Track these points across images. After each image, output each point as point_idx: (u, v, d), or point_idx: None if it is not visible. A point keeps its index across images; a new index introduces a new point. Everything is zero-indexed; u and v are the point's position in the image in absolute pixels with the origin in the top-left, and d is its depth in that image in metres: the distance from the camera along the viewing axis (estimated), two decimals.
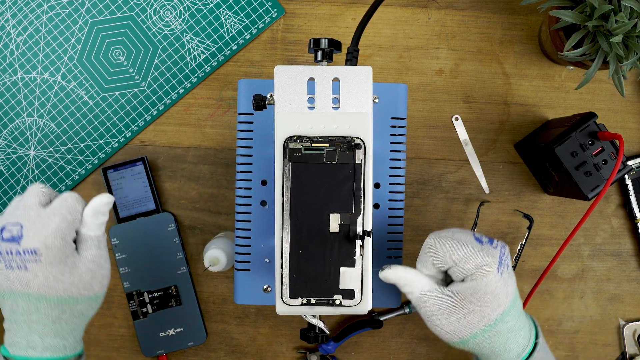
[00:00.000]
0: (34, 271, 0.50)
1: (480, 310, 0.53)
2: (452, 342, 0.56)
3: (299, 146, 0.53)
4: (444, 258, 0.54)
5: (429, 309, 0.55)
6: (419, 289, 0.55)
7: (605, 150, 0.64)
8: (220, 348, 0.76)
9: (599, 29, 0.60)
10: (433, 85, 0.75)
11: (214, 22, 0.74)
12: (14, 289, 0.50)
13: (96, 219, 0.54)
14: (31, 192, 0.54)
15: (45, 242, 0.50)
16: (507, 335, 0.54)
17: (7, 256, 0.50)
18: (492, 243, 0.55)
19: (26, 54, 0.74)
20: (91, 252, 0.54)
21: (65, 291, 0.51)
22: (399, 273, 0.55)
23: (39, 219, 0.51)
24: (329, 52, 0.56)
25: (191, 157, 0.75)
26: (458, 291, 0.54)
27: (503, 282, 0.54)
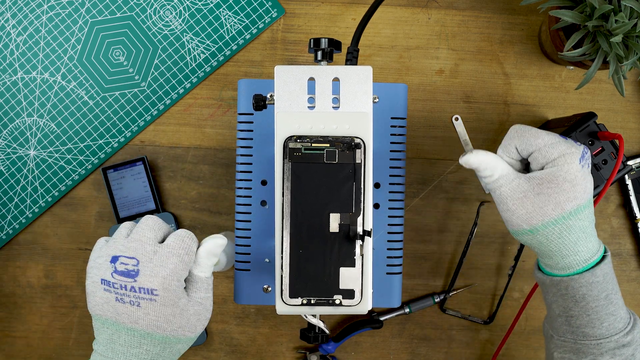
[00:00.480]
0: (146, 309, 0.49)
1: (556, 197, 0.53)
2: (521, 229, 0.55)
3: (299, 146, 0.53)
4: (529, 140, 0.54)
5: (504, 191, 0.55)
6: (499, 171, 0.55)
7: (605, 150, 0.64)
8: (220, 348, 0.76)
9: (599, 29, 0.60)
10: (433, 85, 0.75)
11: (214, 22, 0.74)
12: (120, 321, 0.50)
13: (209, 260, 0.53)
14: (147, 225, 0.52)
15: (163, 283, 0.49)
16: (579, 235, 0.53)
17: (120, 290, 0.49)
18: (576, 142, 0.55)
19: (26, 54, 0.74)
20: (200, 294, 0.53)
21: (173, 332, 0.51)
22: (480, 157, 0.55)
23: (156, 257, 0.50)
24: (329, 52, 0.56)
25: (191, 157, 0.75)
26: (537, 176, 0.54)
27: (583, 176, 0.53)
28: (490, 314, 0.76)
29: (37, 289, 0.75)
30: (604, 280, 0.54)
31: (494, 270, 0.75)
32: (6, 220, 0.74)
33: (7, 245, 0.75)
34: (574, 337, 0.55)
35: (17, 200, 0.74)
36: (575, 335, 0.55)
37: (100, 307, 0.50)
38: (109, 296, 0.50)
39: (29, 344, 0.75)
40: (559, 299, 0.56)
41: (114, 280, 0.50)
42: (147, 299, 0.49)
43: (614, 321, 0.54)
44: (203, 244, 0.53)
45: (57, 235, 0.75)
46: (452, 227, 0.75)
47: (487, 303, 0.76)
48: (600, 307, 0.54)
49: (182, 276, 0.51)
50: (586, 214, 0.54)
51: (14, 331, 0.75)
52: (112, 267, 0.50)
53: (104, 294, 0.50)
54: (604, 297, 0.54)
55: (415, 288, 0.76)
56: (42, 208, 0.74)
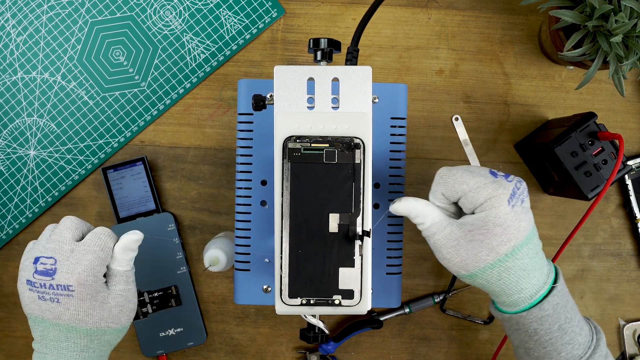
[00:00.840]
0: (65, 305, 0.53)
1: (488, 243, 0.51)
2: (460, 275, 0.54)
3: (299, 146, 0.53)
4: (454, 187, 0.53)
5: (437, 239, 0.54)
6: (430, 219, 0.54)
7: (605, 150, 0.64)
8: (220, 348, 0.76)
9: (599, 29, 0.60)
10: (433, 85, 0.75)
11: (214, 22, 0.74)
12: (46, 318, 0.53)
13: (126, 255, 0.56)
14: (65, 225, 0.55)
15: (79, 279, 0.53)
16: (519, 274, 0.52)
17: (40, 288, 0.53)
18: (507, 177, 0.53)
19: (26, 54, 0.74)
20: (120, 286, 0.56)
21: (95, 324, 0.54)
22: (409, 204, 0.54)
23: (73, 255, 0.54)
24: (328, 52, 0.56)
25: (191, 157, 0.75)
26: (467, 223, 0.52)
27: (514, 216, 0.52)
28: (490, 314, 0.76)
29: None
30: (554, 312, 0.53)
31: None
32: (6, 220, 0.74)
33: (7, 245, 0.75)
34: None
35: (17, 200, 0.74)
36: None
37: (29, 306, 0.54)
38: (33, 295, 0.53)
39: (29, 344, 0.75)
40: (514, 333, 0.56)
41: (35, 280, 0.53)
42: (65, 295, 0.52)
43: (571, 349, 0.53)
44: (120, 240, 0.55)
45: None
46: None
47: (487, 303, 0.76)
48: (555, 339, 0.53)
49: (99, 271, 0.54)
50: (525, 252, 0.52)
51: (14, 331, 0.75)
52: (34, 267, 0.54)
53: (30, 294, 0.54)
54: (557, 329, 0.53)
55: (415, 288, 0.76)
56: (42, 208, 0.74)
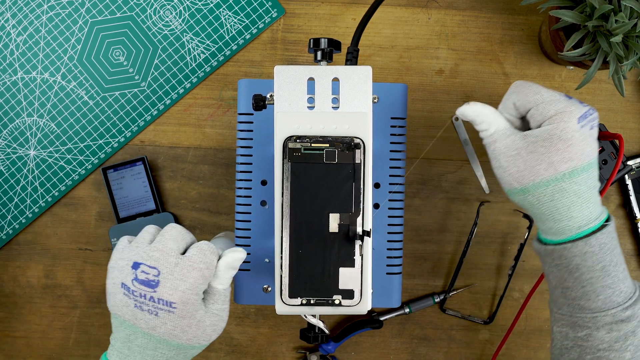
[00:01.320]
0: (163, 319, 0.50)
1: (549, 156, 0.50)
2: (512, 188, 0.53)
3: (299, 146, 0.53)
4: (527, 96, 0.52)
5: (497, 147, 0.53)
6: (495, 125, 0.53)
7: (605, 150, 0.64)
8: (220, 348, 0.76)
9: (599, 29, 0.60)
10: (433, 85, 0.75)
11: (214, 22, 0.74)
12: (138, 326, 0.51)
13: (227, 273, 0.53)
14: (171, 235, 0.52)
15: (182, 296, 0.50)
16: (573, 199, 0.51)
17: (139, 298, 0.50)
18: (582, 103, 0.52)
19: (26, 54, 0.74)
20: (217, 305, 0.53)
21: (188, 341, 0.51)
22: (477, 108, 0.54)
23: (177, 270, 0.50)
24: (328, 52, 0.56)
25: (191, 157, 0.75)
26: (532, 134, 0.52)
27: (581, 136, 0.50)
28: (490, 314, 0.76)
29: (37, 289, 0.75)
30: (599, 250, 0.51)
31: (494, 270, 0.75)
32: (6, 220, 0.74)
33: (7, 245, 0.75)
34: (570, 310, 0.53)
35: (17, 200, 0.74)
36: (571, 308, 0.53)
37: (119, 308, 0.51)
38: (128, 301, 0.50)
39: (29, 344, 0.75)
40: (554, 270, 0.54)
41: (134, 288, 0.50)
42: (166, 311, 0.50)
43: (611, 294, 0.51)
44: (223, 257, 0.53)
45: (57, 235, 0.75)
46: (452, 227, 0.75)
47: (487, 303, 0.76)
48: (596, 279, 0.51)
49: (201, 289, 0.51)
50: (583, 178, 0.51)
51: (14, 331, 0.75)
52: (134, 273, 0.50)
53: (124, 298, 0.51)
54: (599, 269, 0.51)
55: (415, 288, 0.76)
56: (42, 208, 0.74)
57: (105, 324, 0.75)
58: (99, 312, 0.75)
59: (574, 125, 0.50)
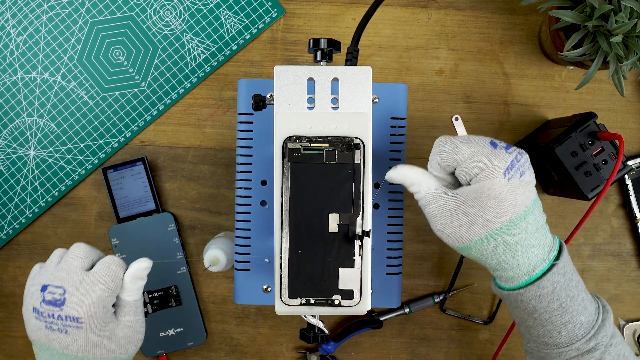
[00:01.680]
0: (74, 336, 0.51)
1: (482, 215, 0.50)
2: (455, 247, 0.53)
3: (299, 146, 0.53)
4: (449, 156, 0.51)
5: (432, 209, 0.52)
6: (425, 188, 0.53)
7: (605, 150, 0.64)
8: (220, 348, 0.76)
9: (599, 29, 0.60)
10: (433, 85, 0.75)
11: (214, 22, 0.74)
12: (53, 347, 0.52)
13: (135, 284, 0.55)
14: (75, 254, 0.54)
15: (88, 311, 0.51)
16: (516, 249, 0.51)
17: (48, 318, 0.52)
18: (508, 149, 0.51)
19: (26, 54, 0.74)
20: (129, 317, 0.54)
21: (102, 356, 0.53)
22: (404, 171, 0.53)
23: (82, 285, 0.52)
24: (328, 52, 0.56)
25: (191, 157, 0.75)
26: (462, 194, 0.51)
27: (510, 189, 0.50)
28: (490, 314, 0.76)
29: None
30: (553, 290, 0.51)
31: None
32: (6, 220, 0.74)
33: (7, 245, 0.75)
34: (537, 346, 0.54)
35: (17, 200, 0.74)
36: (537, 344, 0.54)
37: (34, 333, 0.53)
38: (40, 324, 0.52)
39: (29, 344, 0.75)
40: (514, 311, 0.55)
41: (43, 310, 0.52)
42: (74, 327, 0.51)
43: (572, 329, 0.52)
44: (128, 269, 0.54)
45: (57, 235, 0.75)
46: None
47: (487, 303, 0.76)
48: (555, 317, 0.52)
49: (109, 302, 0.53)
50: (521, 227, 0.50)
51: (14, 331, 0.75)
52: (42, 296, 0.52)
53: (36, 322, 0.53)
54: (556, 307, 0.52)
55: (415, 288, 0.76)
56: (42, 208, 0.74)
57: None
58: None
59: (500, 180, 0.50)
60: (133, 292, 0.55)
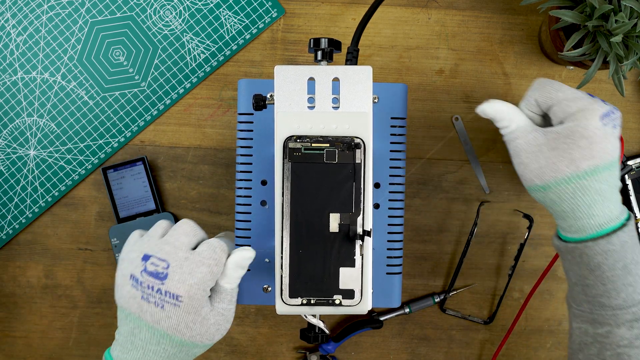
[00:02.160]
0: (169, 313, 0.50)
1: (570, 153, 0.50)
2: (533, 185, 0.53)
3: (299, 146, 0.53)
4: (550, 93, 0.52)
5: (519, 143, 0.53)
6: (515, 122, 0.53)
7: None
8: (220, 348, 0.76)
9: (599, 29, 0.60)
10: (433, 85, 0.75)
11: (214, 22, 0.74)
12: (143, 319, 0.51)
13: (236, 272, 0.53)
14: (183, 230, 0.53)
15: (189, 291, 0.50)
16: (594, 197, 0.51)
17: (147, 290, 0.50)
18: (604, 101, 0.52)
19: (26, 54, 0.74)
20: (223, 305, 0.53)
21: (191, 338, 0.51)
22: (497, 106, 0.54)
23: (187, 264, 0.51)
24: (328, 52, 0.56)
25: (191, 157, 0.75)
26: (554, 131, 0.52)
27: (604, 134, 0.50)
28: (490, 314, 0.76)
29: (37, 289, 0.75)
30: (621, 248, 0.51)
31: (494, 270, 0.75)
32: (6, 220, 0.74)
33: (7, 245, 0.75)
34: (591, 307, 0.53)
35: (17, 200, 0.74)
36: (591, 305, 0.53)
37: (126, 300, 0.51)
38: (135, 292, 0.51)
39: (29, 344, 0.75)
40: (574, 267, 0.54)
41: (143, 279, 0.50)
42: (172, 304, 0.50)
43: (632, 292, 0.51)
44: (232, 256, 0.53)
45: (57, 235, 0.75)
46: (452, 227, 0.75)
47: (487, 303, 0.76)
48: (617, 277, 0.51)
49: (209, 286, 0.51)
50: (605, 177, 0.51)
51: (14, 331, 0.75)
52: (143, 265, 0.51)
53: (131, 290, 0.51)
54: (621, 267, 0.51)
55: (415, 288, 0.76)
56: (42, 208, 0.74)
57: (105, 324, 0.75)
58: (99, 312, 0.75)
59: (596, 122, 0.51)
60: (232, 279, 0.53)
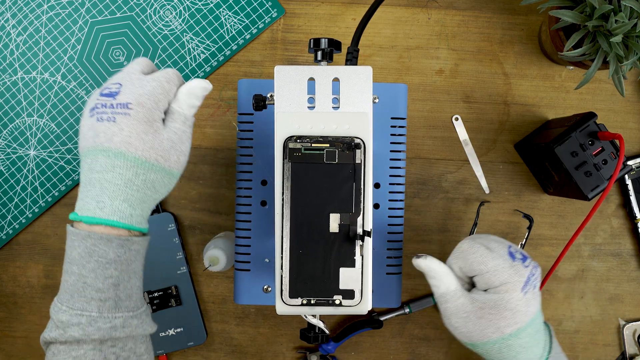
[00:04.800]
0: (120, 124, 0.50)
1: (496, 323, 0.54)
2: (462, 341, 0.57)
3: (299, 146, 0.52)
4: (472, 266, 0.55)
5: (448, 307, 0.56)
6: (445, 286, 0.56)
7: (605, 150, 0.64)
8: (220, 348, 0.76)
9: (599, 29, 0.60)
10: (433, 85, 0.75)
11: (214, 22, 0.74)
12: (97, 143, 0.51)
13: (188, 99, 0.54)
14: (136, 61, 0.55)
15: (139, 99, 0.51)
16: (518, 350, 0.55)
17: (100, 109, 0.51)
18: (524, 261, 0.55)
19: (26, 54, 0.74)
20: (176, 124, 0.54)
21: (144, 152, 0.51)
22: (432, 265, 0.56)
23: (138, 81, 0.53)
24: (328, 52, 0.56)
25: (191, 157, 0.75)
26: (480, 300, 0.55)
27: (525, 302, 0.54)
28: None
29: (37, 289, 0.75)
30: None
31: None
32: (6, 220, 0.74)
33: (7, 245, 0.75)
34: None
35: (17, 200, 0.74)
36: None
37: (84, 136, 0.52)
38: (92, 121, 0.51)
39: (29, 344, 0.75)
40: None
41: (98, 102, 0.52)
42: (122, 114, 0.51)
43: None
44: (187, 83, 0.54)
45: (57, 235, 0.75)
46: (452, 227, 0.75)
47: None
48: None
49: (161, 101, 0.52)
50: (528, 333, 0.55)
51: (14, 331, 0.75)
52: (99, 92, 0.53)
53: (89, 121, 0.52)
54: None
55: (415, 288, 0.76)
56: (42, 208, 0.74)
57: None
58: None
59: (518, 295, 0.54)
60: (185, 105, 0.54)
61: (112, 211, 0.50)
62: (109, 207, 0.50)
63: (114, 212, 0.50)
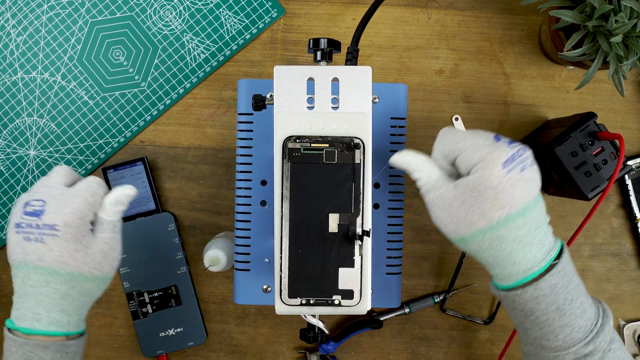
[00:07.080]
0: (50, 245, 0.52)
1: (479, 206, 0.49)
2: (452, 239, 0.53)
3: (299, 146, 0.53)
4: (451, 145, 0.51)
5: (431, 197, 0.52)
6: (427, 175, 0.52)
7: (605, 150, 0.64)
8: (220, 348, 0.76)
9: (599, 29, 0.60)
10: (433, 85, 0.75)
11: (214, 22, 0.74)
12: (28, 261, 0.52)
13: (115, 207, 0.56)
14: (56, 172, 0.56)
15: (65, 219, 0.52)
16: (513, 245, 0.50)
17: (26, 229, 0.52)
18: (510, 143, 0.51)
19: (26, 54, 0.74)
20: (106, 234, 0.55)
21: (77, 268, 0.53)
22: (408, 158, 0.53)
23: (62, 198, 0.53)
24: (328, 52, 0.56)
25: (191, 157, 0.75)
26: (461, 184, 0.50)
27: (509, 182, 0.49)
28: (490, 314, 0.76)
29: None
30: (551, 292, 0.50)
31: None
32: (6, 220, 0.74)
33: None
34: (534, 349, 0.53)
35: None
36: (534, 347, 0.53)
37: (13, 251, 0.53)
38: (18, 238, 0.53)
39: None
40: (511, 312, 0.54)
41: (23, 221, 0.53)
42: (50, 235, 0.52)
43: (570, 332, 0.51)
44: (111, 192, 0.56)
45: None
46: None
47: (487, 303, 0.76)
48: (552, 320, 0.51)
49: (87, 216, 0.54)
50: (520, 223, 0.49)
51: None
52: (23, 210, 0.53)
53: (15, 237, 0.53)
54: (554, 310, 0.50)
55: (415, 288, 0.76)
56: None
57: (105, 324, 0.75)
58: (99, 312, 0.75)
59: (498, 171, 0.49)
60: (111, 213, 0.55)
61: (49, 322, 0.52)
62: (46, 319, 0.52)
63: (51, 323, 0.52)
